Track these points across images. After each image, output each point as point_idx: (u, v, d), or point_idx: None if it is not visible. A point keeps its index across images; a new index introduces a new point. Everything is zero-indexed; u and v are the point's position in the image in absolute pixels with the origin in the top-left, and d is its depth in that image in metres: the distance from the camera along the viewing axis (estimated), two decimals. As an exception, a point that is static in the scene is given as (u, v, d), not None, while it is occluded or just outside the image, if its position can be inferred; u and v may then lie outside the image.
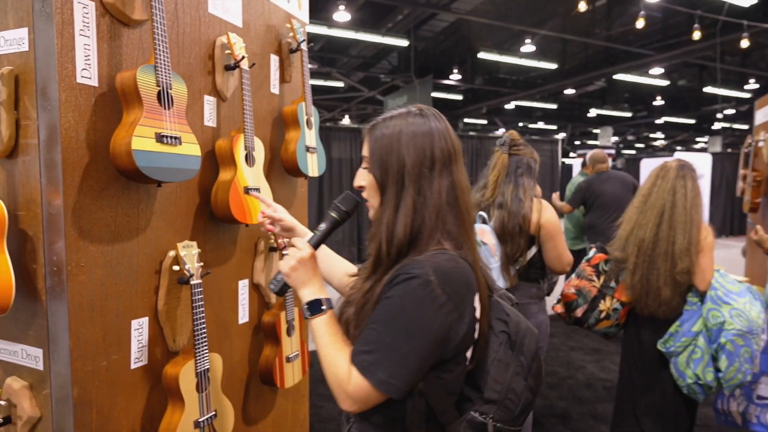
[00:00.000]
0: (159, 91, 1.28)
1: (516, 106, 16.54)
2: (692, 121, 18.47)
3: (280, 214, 1.28)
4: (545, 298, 2.17)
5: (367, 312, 0.92)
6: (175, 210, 1.52)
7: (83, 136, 1.24)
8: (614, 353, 4.09)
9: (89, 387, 1.28)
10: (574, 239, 4.63)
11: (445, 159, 0.95)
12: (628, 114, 16.56)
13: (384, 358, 0.87)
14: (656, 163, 2.29)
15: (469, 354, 0.96)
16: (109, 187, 1.31)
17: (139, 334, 1.41)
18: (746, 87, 13.55)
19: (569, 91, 14.36)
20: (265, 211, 1.27)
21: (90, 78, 1.25)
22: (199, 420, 1.45)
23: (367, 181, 0.99)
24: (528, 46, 10.45)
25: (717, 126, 19.04)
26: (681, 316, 1.98)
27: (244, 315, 1.84)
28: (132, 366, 1.39)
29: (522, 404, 0.96)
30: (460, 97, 15.35)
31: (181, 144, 1.33)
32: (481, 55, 11.90)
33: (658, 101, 15.66)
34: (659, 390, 2.09)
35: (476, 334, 0.96)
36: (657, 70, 11.71)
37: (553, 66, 12.35)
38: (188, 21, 1.54)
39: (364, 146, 1.00)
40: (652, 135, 22.91)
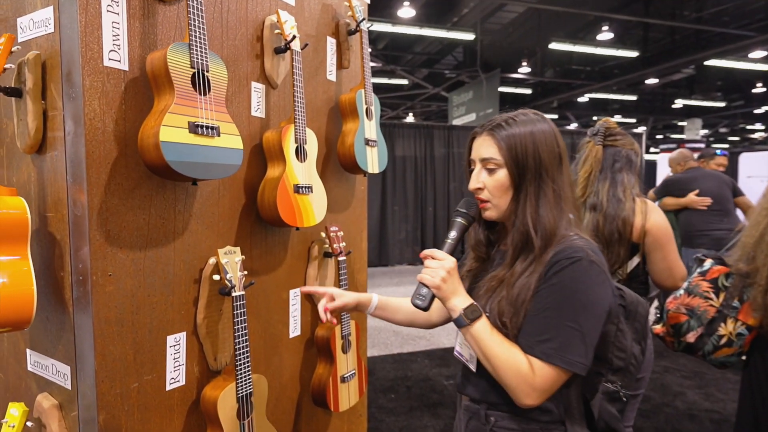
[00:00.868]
0: (193, 73, 1.10)
1: (590, 99, 15.53)
2: (798, 111, 16.43)
3: (341, 300, 1.23)
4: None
5: (523, 301, 0.95)
6: (218, 211, 1.35)
7: (111, 127, 1.09)
8: (720, 379, 3.55)
9: (117, 412, 1.13)
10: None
11: (563, 155, 1.03)
12: (721, 104, 15.03)
13: (569, 341, 0.91)
14: (759, 157, 1.83)
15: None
16: (141, 186, 1.15)
17: (176, 352, 1.25)
18: None
19: (651, 81, 13.24)
20: (327, 307, 1.21)
21: (119, 61, 1.09)
22: (241, 452, 1.27)
23: (492, 180, 1.01)
24: (605, 34, 9.71)
25: (828, 116, 16.83)
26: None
27: (295, 328, 1.65)
28: (167, 387, 1.23)
29: (639, 367, 1.05)
30: (528, 91, 14.65)
31: (219, 135, 1.15)
32: (553, 46, 11.21)
33: (758, 88, 14.05)
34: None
35: None
36: (758, 53, 10.46)
37: (633, 54, 11.41)
38: (233, -2, 1.36)
39: (482, 149, 1.02)
40: (749, 126, 20.72)
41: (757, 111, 16.11)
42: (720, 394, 3.30)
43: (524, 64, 11.98)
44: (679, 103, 15.59)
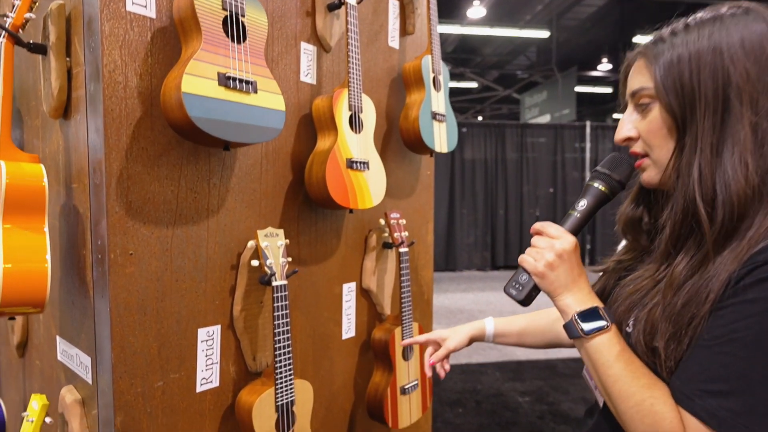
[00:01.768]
0: (225, 17, 0.93)
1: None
2: None
3: (449, 344, 1.00)
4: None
5: (691, 318, 0.59)
6: (260, 189, 1.17)
7: (134, 82, 0.94)
8: None
9: (138, 414, 0.97)
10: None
11: None
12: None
13: (758, 405, 0.54)
14: None
15: None
16: (170, 153, 1.00)
17: (208, 347, 1.08)
18: None
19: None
20: (432, 360, 1.00)
21: (145, 6, 0.94)
22: (279, 471, 1.07)
23: (646, 123, 0.67)
24: (700, 22, 8.78)
25: None
26: None
27: (349, 328, 1.44)
28: (198, 389, 1.06)
29: None
30: (609, 90, 13.70)
31: (256, 92, 0.97)
32: (638, 39, 10.40)
33: None
34: None
35: None
36: None
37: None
38: (280, -55, 1.19)
39: (632, 80, 0.70)
40: None
41: None
42: None
43: (604, 60, 11.20)
44: None
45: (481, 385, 3.36)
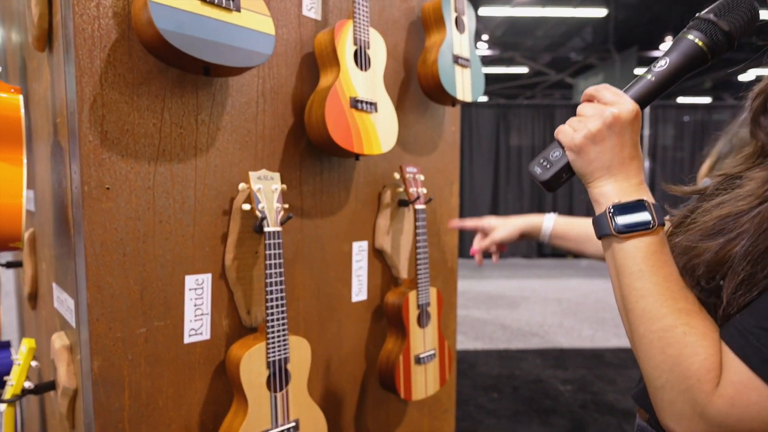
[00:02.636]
0: None
1: (757, 77, 13.09)
2: None
3: (495, 235, 0.93)
4: None
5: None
6: (255, 129, 1.08)
7: (109, 1, 0.87)
8: None
9: (118, 360, 0.91)
10: None
11: None
12: None
13: None
14: None
15: None
16: (151, 82, 0.92)
17: (197, 297, 1.00)
18: None
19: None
20: (474, 249, 0.90)
21: None
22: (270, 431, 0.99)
23: None
24: (780, -8, 7.97)
25: None
26: None
27: (360, 290, 1.34)
28: (186, 339, 1.00)
29: None
30: (673, 72, 12.79)
31: (239, 10, 0.88)
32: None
33: None
34: None
35: None
36: None
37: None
38: None
39: None
40: None
41: None
42: None
43: (668, 39, 10.43)
44: None
45: (520, 371, 3.18)
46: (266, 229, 0.99)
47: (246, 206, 1.01)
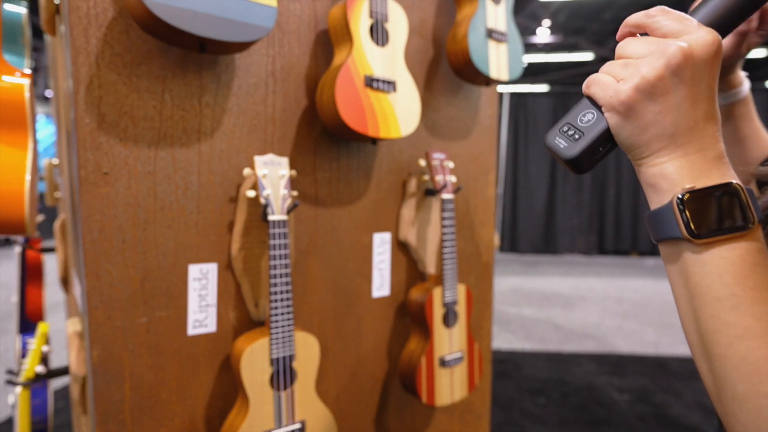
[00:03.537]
0: None
1: None
2: None
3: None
4: None
5: None
6: (265, 112, 1.03)
7: (105, -23, 0.83)
8: None
9: (118, 350, 0.89)
10: None
11: None
12: None
13: None
14: None
15: None
16: (151, 62, 0.88)
17: (202, 288, 0.96)
18: None
19: None
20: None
21: None
22: (272, 432, 0.93)
23: None
24: None
25: None
26: None
27: (382, 285, 1.26)
28: (190, 331, 0.96)
29: None
30: (762, 53, 11.63)
31: (236, -20, 0.81)
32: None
33: None
34: None
35: None
36: None
37: None
38: None
39: None
40: None
41: None
42: None
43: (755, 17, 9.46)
44: None
45: (571, 376, 2.98)
46: (270, 218, 0.93)
47: (251, 193, 0.95)
